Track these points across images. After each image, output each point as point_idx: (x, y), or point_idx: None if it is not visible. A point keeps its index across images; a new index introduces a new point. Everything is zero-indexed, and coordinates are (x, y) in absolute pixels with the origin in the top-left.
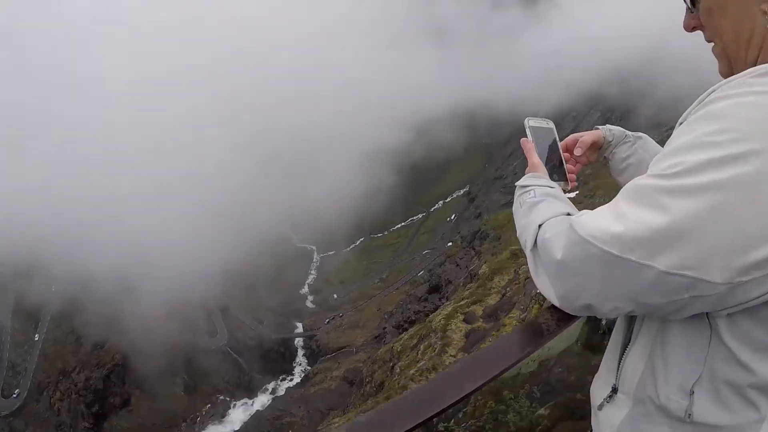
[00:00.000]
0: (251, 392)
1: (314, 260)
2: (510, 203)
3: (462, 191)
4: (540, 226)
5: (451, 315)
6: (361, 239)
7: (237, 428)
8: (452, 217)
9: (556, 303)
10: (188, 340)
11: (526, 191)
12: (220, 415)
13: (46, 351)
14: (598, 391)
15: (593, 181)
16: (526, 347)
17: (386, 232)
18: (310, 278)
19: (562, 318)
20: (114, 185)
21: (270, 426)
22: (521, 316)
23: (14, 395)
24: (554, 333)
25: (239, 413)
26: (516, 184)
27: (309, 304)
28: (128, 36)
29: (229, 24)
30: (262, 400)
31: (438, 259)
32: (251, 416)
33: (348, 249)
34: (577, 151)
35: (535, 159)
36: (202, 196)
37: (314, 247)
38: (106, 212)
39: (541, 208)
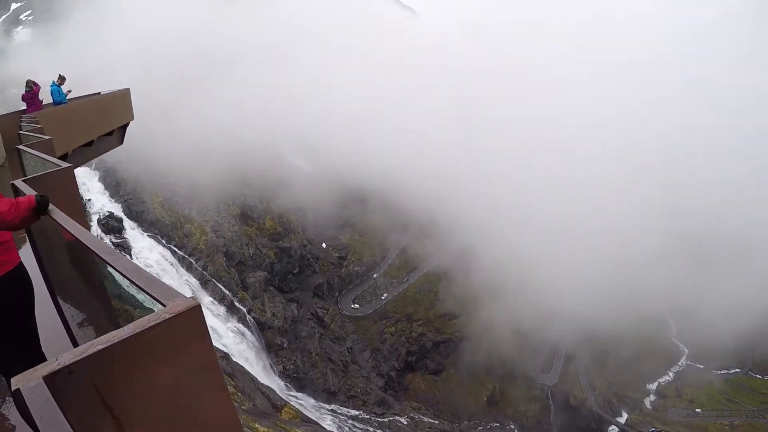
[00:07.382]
0: None
1: (679, 363)
2: None
3: None
4: None
5: None
6: (737, 370)
7: None
8: None
9: None
10: (517, 365)
11: None
12: None
13: (406, 292)
14: None
15: None
16: None
17: (767, 377)
18: (665, 379)
19: None
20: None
21: None
22: None
23: (382, 297)
24: None
25: None
26: None
27: (647, 402)
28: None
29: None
30: None
31: None
32: None
33: (719, 372)
34: None
35: None
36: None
37: (687, 351)
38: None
39: None
